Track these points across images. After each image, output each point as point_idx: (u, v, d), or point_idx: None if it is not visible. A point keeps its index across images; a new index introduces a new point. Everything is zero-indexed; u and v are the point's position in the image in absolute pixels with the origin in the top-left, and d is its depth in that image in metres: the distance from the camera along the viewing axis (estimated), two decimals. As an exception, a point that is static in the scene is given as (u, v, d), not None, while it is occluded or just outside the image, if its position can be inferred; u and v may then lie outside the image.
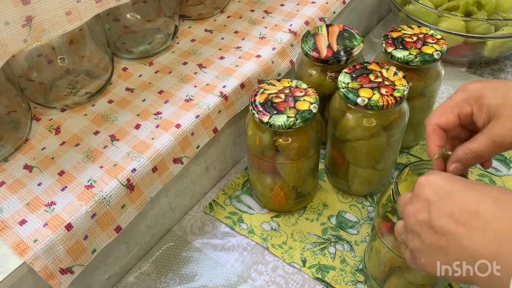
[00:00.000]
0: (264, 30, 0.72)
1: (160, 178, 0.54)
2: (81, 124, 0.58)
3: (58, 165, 0.52)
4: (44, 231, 0.45)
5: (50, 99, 0.59)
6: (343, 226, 0.61)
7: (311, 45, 0.61)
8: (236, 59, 0.67)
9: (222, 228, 0.62)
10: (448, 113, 0.39)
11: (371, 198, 0.64)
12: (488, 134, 0.37)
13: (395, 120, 0.55)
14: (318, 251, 0.58)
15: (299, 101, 0.54)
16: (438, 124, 0.40)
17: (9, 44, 0.43)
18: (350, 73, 0.56)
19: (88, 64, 0.61)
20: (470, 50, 0.81)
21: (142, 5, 0.67)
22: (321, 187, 0.66)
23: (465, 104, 0.38)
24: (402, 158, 0.70)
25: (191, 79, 0.64)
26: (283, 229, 0.61)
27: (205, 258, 0.59)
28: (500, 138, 0.36)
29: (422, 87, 0.61)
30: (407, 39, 0.61)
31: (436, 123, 0.40)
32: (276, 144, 0.54)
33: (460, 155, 0.39)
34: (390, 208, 0.45)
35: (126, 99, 0.61)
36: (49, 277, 0.45)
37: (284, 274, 0.57)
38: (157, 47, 0.68)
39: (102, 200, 0.49)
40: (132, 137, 0.55)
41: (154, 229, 0.59)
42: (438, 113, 0.40)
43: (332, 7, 0.76)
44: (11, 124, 0.54)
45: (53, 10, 0.45)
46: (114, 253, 0.55)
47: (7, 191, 0.50)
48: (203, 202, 0.66)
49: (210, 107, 0.59)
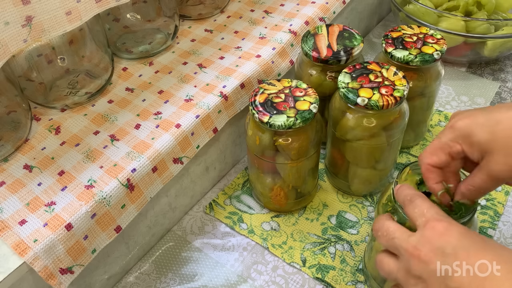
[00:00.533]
0: (264, 30, 0.72)
1: (160, 178, 0.54)
2: (81, 124, 0.58)
3: (58, 165, 0.52)
4: (44, 231, 0.45)
5: (50, 99, 0.59)
6: (343, 226, 0.61)
7: (311, 45, 0.61)
8: (236, 59, 0.67)
9: (222, 228, 0.62)
10: (439, 153, 0.39)
11: (371, 198, 0.64)
12: (485, 170, 0.37)
13: (395, 120, 0.55)
14: (318, 251, 0.58)
15: (299, 101, 0.54)
16: (431, 164, 0.40)
17: (9, 44, 0.43)
18: (350, 73, 0.56)
19: (88, 64, 0.61)
20: (470, 50, 0.81)
21: (142, 5, 0.67)
22: (321, 187, 0.66)
23: (454, 144, 0.38)
24: (402, 158, 0.70)
25: (191, 79, 0.64)
26: (283, 229, 0.61)
27: (205, 258, 0.59)
28: (497, 173, 0.36)
29: (422, 87, 0.61)
30: (407, 39, 0.61)
31: (429, 164, 0.40)
32: (276, 144, 0.54)
33: (464, 191, 0.40)
34: (390, 208, 0.45)
35: (126, 99, 0.61)
36: (49, 277, 0.45)
37: (284, 274, 0.57)
38: (157, 47, 0.68)
39: (102, 200, 0.49)
40: (132, 137, 0.55)
41: (154, 229, 0.59)
42: (429, 153, 0.40)
43: (332, 7, 0.76)
44: (11, 124, 0.54)
45: (53, 10, 0.45)
46: (114, 253, 0.55)
47: (7, 191, 0.50)
48: (203, 202, 0.66)
49: (210, 107, 0.59)
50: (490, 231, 0.59)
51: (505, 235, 0.59)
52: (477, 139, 0.36)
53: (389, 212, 0.45)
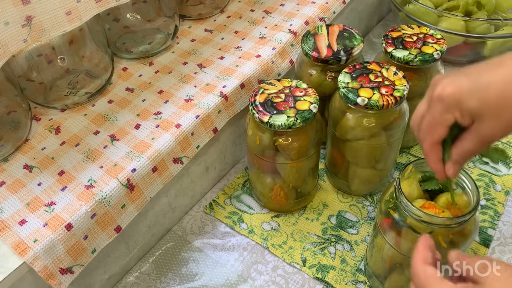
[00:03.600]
0: (264, 30, 0.72)
1: (160, 178, 0.54)
2: (81, 124, 0.58)
3: (58, 165, 0.52)
4: (44, 231, 0.45)
5: (50, 99, 0.59)
6: (343, 226, 0.61)
7: (311, 45, 0.61)
8: (236, 59, 0.67)
9: (222, 228, 0.62)
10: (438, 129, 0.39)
11: (371, 198, 0.64)
12: (477, 134, 0.37)
13: (395, 120, 0.55)
14: (318, 251, 0.58)
15: (299, 101, 0.54)
16: (433, 141, 0.40)
17: (9, 44, 0.43)
18: (350, 73, 0.56)
19: (88, 64, 0.61)
20: (470, 50, 0.81)
21: (142, 5, 0.67)
22: (321, 187, 0.66)
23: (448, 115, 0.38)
24: (402, 158, 0.70)
25: (191, 79, 0.64)
26: (283, 229, 0.61)
27: (205, 258, 0.59)
28: (489, 136, 0.37)
29: (422, 87, 0.61)
30: (407, 39, 0.61)
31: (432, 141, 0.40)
32: (276, 144, 0.54)
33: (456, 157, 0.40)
34: (392, 204, 0.45)
35: (126, 99, 0.61)
36: (49, 277, 0.45)
37: (284, 274, 0.57)
38: (157, 47, 0.68)
39: (102, 200, 0.49)
40: (132, 137, 0.55)
41: (154, 229, 0.59)
42: (428, 130, 0.40)
43: (332, 7, 0.76)
44: (11, 124, 0.54)
45: (53, 10, 0.45)
46: (114, 253, 0.55)
47: (7, 191, 0.50)
48: (203, 202, 0.66)
49: (210, 107, 0.59)
50: (490, 230, 0.59)
51: (505, 235, 0.59)
52: (467, 106, 0.36)
53: (391, 208, 0.45)
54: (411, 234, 0.44)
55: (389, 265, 0.49)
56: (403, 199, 0.43)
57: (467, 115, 0.36)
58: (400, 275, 0.49)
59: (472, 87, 0.36)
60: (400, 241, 0.45)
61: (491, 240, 0.58)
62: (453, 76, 0.38)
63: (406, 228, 0.44)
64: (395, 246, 0.46)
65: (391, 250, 0.47)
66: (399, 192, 0.43)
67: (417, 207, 0.42)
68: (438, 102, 0.38)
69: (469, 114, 0.36)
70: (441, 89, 0.38)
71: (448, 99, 0.37)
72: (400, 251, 0.46)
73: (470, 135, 0.37)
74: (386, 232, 0.46)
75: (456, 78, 0.37)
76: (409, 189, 0.45)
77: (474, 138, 0.37)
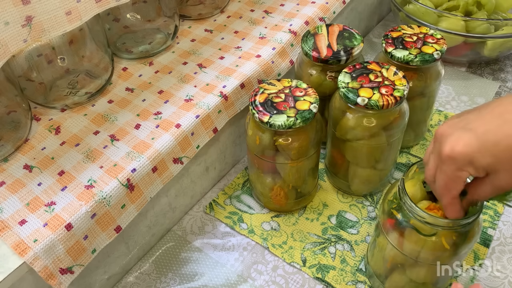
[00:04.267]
0: (264, 30, 0.72)
1: (160, 178, 0.54)
2: (81, 124, 0.58)
3: (58, 165, 0.52)
4: (44, 231, 0.45)
5: (50, 99, 0.59)
6: (343, 226, 0.61)
7: (311, 45, 0.61)
8: (236, 59, 0.67)
9: (222, 228, 0.62)
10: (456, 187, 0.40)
11: (371, 198, 0.64)
12: (493, 185, 0.39)
13: (395, 120, 0.55)
14: (318, 251, 0.58)
15: (299, 101, 0.54)
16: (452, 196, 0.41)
17: (9, 44, 0.43)
18: (350, 73, 0.56)
19: (88, 64, 0.61)
20: (470, 50, 0.81)
21: (142, 5, 0.67)
22: (321, 187, 0.66)
23: (462, 172, 0.39)
24: (402, 158, 0.70)
25: (191, 79, 0.64)
26: (283, 229, 0.61)
27: (205, 258, 0.59)
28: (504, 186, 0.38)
29: (422, 87, 0.61)
30: (407, 39, 0.61)
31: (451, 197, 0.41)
32: (276, 144, 0.54)
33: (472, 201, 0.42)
34: (395, 205, 0.45)
35: (126, 99, 0.61)
36: (49, 277, 0.45)
37: (284, 274, 0.57)
38: (157, 47, 0.68)
39: (102, 200, 0.49)
40: (132, 137, 0.55)
41: (154, 229, 0.59)
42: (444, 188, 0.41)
43: (332, 7, 0.76)
44: (11, 124, 0.54)
45: (53, 10, 0.45)
46: (114, 253, 0.55)
47: (7, 191, 0.50)
48: (203, 202, 0.66)
49: (210, 107, 0.59)
50: (490, 230, 0.59)
51: (505, 235, 0.59)
52: (481, 164, 0.37)
53: (394, 209, 0.45)
54: (414, 235, 0.44)
55: (391, 265, 0.49)
56: (408, 200, 0.43)
57: (481, 171, 0.38)
58: (401, 275, 0.49)
59: (481, 146, 0.37)
60: (403, 242, 0.45)
61: (491, 240, 0.58)
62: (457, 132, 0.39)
63: (409, 229, 0.44)
64: (397, 247, 0.46)
65: (393, 250, 0.47)
66: (403, 193, 0.43)
67: (422, 209, 0.42)
68: (450, 162, 0.39)
69: (484, 169, 0.38)
70: (450, 149, 0.39)
71: (460, 159, 0.38)
72: (402, 251, 0.46)
73: (486, 185, 0.39)
74: (388, 232, 0.46)
75: (461, 135, 0.38)
76: (413, 190, 0.45)
77: (490, 187, 0.39)
